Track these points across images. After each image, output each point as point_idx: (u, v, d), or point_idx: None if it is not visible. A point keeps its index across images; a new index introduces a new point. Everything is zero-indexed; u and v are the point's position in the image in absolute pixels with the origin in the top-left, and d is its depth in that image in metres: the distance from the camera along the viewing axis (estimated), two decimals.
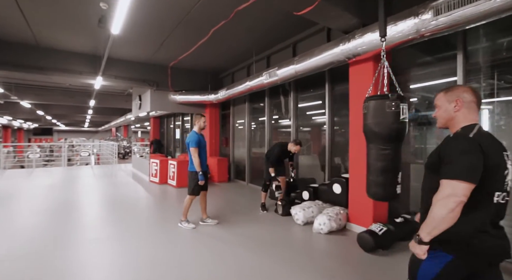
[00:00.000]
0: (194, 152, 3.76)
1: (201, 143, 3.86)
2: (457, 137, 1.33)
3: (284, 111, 6.23)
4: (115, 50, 6.35)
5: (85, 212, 4.84)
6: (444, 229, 1.20)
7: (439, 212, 1.19)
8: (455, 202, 1.17)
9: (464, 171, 1.20)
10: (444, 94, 1.43)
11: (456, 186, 1.19)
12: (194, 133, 3.88)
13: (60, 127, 29.81)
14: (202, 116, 4.02)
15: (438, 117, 1.46)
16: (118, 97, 12.01)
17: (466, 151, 1.23)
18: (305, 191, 4.80)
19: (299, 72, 4.40)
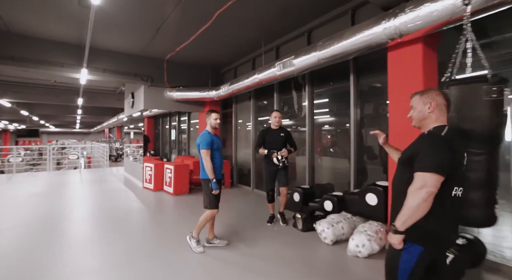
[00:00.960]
0: (206, 155, 3.09)
1: (214, 144, 3.19)
2: (430, 136, 1.45)
3: (297, 108, 5.51)
4: (103, 40, 5.56)
5: (66, 232, 3.99)
6: (418, 218, 1.29)
7: (413, 202, 1.29)
8: (428, 193, 1.27)
9: (435, 164, 1.31)
10: (419, 97, 1.55)
11: (428, 178, 1.29)
12: (206, 133, 3.23)
13: (49, 128, 28.64)
14: (212, 112, 3.32)
15: (414, 118, 1.57)
16: (110, 96, 11.15)
17: (438, 147, 1.36)
18: (327, 200, 4.08)
19: (323, 60, 3.68)
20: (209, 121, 3.29)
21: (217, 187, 3.11)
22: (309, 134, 5.03)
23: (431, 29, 2.58)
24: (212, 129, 3.29)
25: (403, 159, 1.53)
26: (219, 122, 3.33)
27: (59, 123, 25.13)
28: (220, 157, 3.28)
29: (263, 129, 4.03)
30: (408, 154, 1.48)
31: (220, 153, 3.31)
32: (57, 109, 13.63)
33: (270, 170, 4.05)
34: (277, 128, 4.05)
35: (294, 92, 5.53)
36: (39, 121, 19.52)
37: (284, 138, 4.03)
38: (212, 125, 3.29)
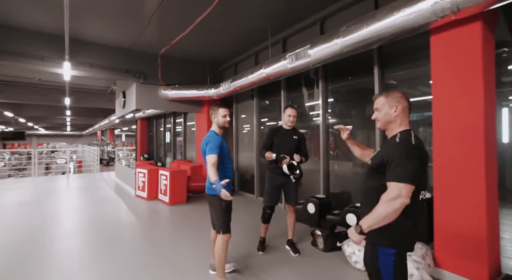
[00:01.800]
0: (214, 162, 2.30)
1: (223, 149, 2.49)
2: (401, 144, 1.44)
3: (308, 107, 4.93)
4: (89, 31, 4.92)
5: (44, 252, 3.35)
6: (383, 225, 1.34)
7: (385, 210, 1.32)
8: (401, 204, 1.31)
9: (409, 175, 1.34)
10: (385, 98, 1.55)
11: (402, 188, 1.32)
12: (214, 135, 2.52)
13: (39, 131, 27.67)
14: (219, 106, 2.60)
15: (379, 120, 1.56)
16: (100, 96, 10.47)
17: (411, 157, 1.38)
18: (350, 213, 3.49)
19: (347, 48, 3.10)
20: (215, 119, 2.57)
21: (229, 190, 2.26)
22: (323, 136, 4.45)
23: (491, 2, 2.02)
24: (219, 129, 2.58)
25: (373, 166, 1.52)
26: (229, 121, 2.61)
27: (49, 125, 24.20)
28: (230, 163, 2.56)
29: (272, 129, 3.31)
30: (378, 160, 1.48)
31: (230, 159, 2.60)
32: (45, 110, 12.85)
33: (275, 181, 3.18)
34: (289, 128, 3.25)
35: (304, 89, 4.95)
36: (26, 124, 18.64)
37: (297, 142, 3.20)
38: (220, 124, 2.56)
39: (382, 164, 1.43)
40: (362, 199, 1.63)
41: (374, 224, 1.34)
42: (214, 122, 2.59)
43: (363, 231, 1.37)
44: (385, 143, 1.55)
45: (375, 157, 1.53)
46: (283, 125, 3.29)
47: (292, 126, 3.26)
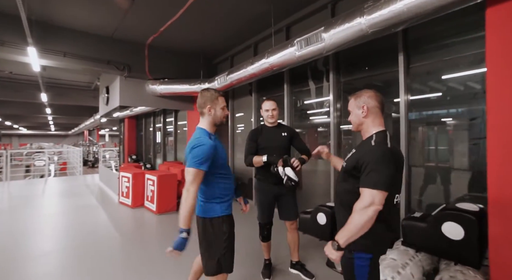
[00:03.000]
0: (192, 181, 1.57)
1: (218, 156, 1.70)
2: (377, 148, 1.37)
3: (316, 103, 4.37)
4: (62, 14, 4.24)
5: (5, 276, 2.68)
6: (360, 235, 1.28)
7: (360, 221, 1.27)
8: (374, 211, 1.26)
9: (383, 181, 1.28)
10: (354, 100, 1.51)
11: (376, 195, 1.27)
12: (205, 136, 1.69)
13: (20, 131, 26.31)
14: (218, 94, 1.80)
15: (351, 122, 1.55)
16: (83, 93, 9.70)
17: (385, 162, 1.32)
18: None
19: (372, 29, 2.55)
20: (211, 112, 1.75)
21: (182, 248, 1.54)
22: (334, 135, 3.90)
23: None
24: (213, 127, 1.79)
25: (347, 168, 1.47)
26: (228, 114, 1.90)
27: (31, 125, 22.97)
28: (229, 178, 1.83)
29: (253, 130, 2.65)
30: (352, 163, 1.42)
31: (229, 169, 1.87)
32: (22, 108, 11.91)
33: (268, 193, 2.54)
34: (274, 126, 2.60)
35: (311, 83, 4.39)
36: (3, 122, 17.50)
37: (287, 139, 2.58)
38: (218, 120, 1.78)
39: (356, 167, 1.38)
40: (337, 201, 1.57)
41: (351, 237, 1.28)
42: (206, 117, 1.76)
43: (341, 246, 1.28)
44: (361, 144, 1.50)
45: (350, 158, 1.48)
46: (266, 124, 2.63)
47: (277, 122, 2.62)
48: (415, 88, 3.12)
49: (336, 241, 1.30)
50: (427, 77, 3.06)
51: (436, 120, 3.06)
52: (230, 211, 1.80)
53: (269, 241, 2.70)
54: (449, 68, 2.87)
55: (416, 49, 3.07)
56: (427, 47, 3.01)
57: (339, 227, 1.44)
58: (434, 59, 2.96)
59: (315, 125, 4.53)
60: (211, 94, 1.76)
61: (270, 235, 2.68)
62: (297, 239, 2.69)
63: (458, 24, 2.74)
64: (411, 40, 3.08)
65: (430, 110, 3.08)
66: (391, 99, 3.43)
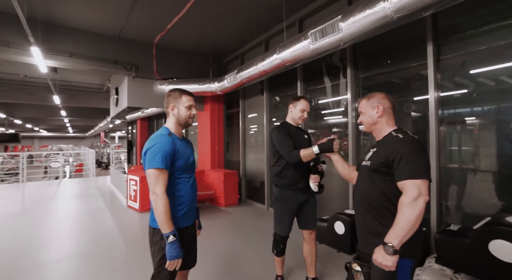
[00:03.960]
0: (156, 180, 1.45)
1: (179, 158, 1.56)
2: (406, 139, 1.33)
3: (332, 102, 4.05)
4: (67, 12, 4.13)
5: None
6: (413, 233, 1.16)
7: (412, 215, 1.15)
8: (424, 202, 1.17)
9: (424, 169, 1.23)
10: (366, 101, 1.49)
11: (421, 186, 1.19)
12: (164, 135, 1.56)
13: (41, 133, 27.20)
14: (181, 93, 1.65)
15: (363, 122, 1.51)
16: (95, 95, 9.75)
17: (419, 151, 1.27)
18: None
19: (399, 13, 2.22)
20: (174, 111, 1.62)
21: (178, 253, 1.42)
22: (353, 136, 3.57)
23: None
24: (178, 127, 1.65)
25: (373, 167, 1.36)
26: (194, 116, 1.68)
27: (50, 127, 23.68)
28: (192, 184, 1.65)
29: (282, 125, 2.33)
30: (379, 160, 1.34)
31: (193, 175, 1.69)
32: (39, 110, 12.16)
33: (294, 202, 2.24)
34: (297, 126, 2.36)
35: (327, 79, 4.07)
36: (24, 125, 18.04)
37: (308, 143, 2.34)
38: (182, 120, 1.63)
39: (385, 163, 1.30)
40: (360, 206, 1.43)
41: (405, 235, 1.14)
42: (170, 116, 1.64)
43: (396, 248, 1.12)
44: (381, 142, 1.43)
45: (374, 157, 1.39)
46: (290, 122, 2.34)
47: None
48: (446, 83, 2.75)
49: (388, 243, 1.14)
50: (461, 71, 2.69)
51: (469, 118, 2.68)
52: (181, 224, 1.55)
53: (283, 255, 2.41)
54: (488, 59, 2.49)
55: (448, 38, 2.71)
56: (461, 35, 2.64)
57: (363, 235, 1.39)
58: (470, 49, 2.59)
59: (331, 126, 4.20)
60: (174, 93, 1.65)
61: (285, 248, 2.38)
62: (315, 252, 2.36)
63: (500, 6, 2.37)
64: (442, 28, 2.72)
65: (465, 108, 2.71)
66: (412, 97, 3.08)
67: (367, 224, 1.37)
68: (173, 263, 1.43)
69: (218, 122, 6.37)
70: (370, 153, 1.45)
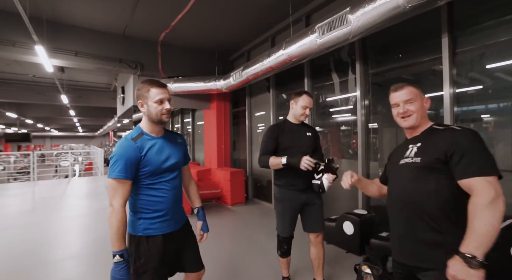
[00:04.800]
0: (113, 194, 1.30)
1: (146, 160, 1.37)
2: (465, 130, 1.14)
3: (341, 99, 3.93)
4: (71, 11, 4.11)
5: None
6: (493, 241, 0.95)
7: (493, 218, 0.95)
8: (503, 201, 0.99)
9: (493, 164, 1.05)
10: (417, 90, 1.28)
11: (495, 183, 1.01)
12: (129, 134, 1.41)
13: (52, 132, 27.74)
14: (151, 84, 1.41)
15: (414, 113, 1.25)
16: (103, 94, 9.83)
17: (483, 143, 1.09)
18: None
19: (412, 2, 2.09)
20: (144, 108, 1.42)
21: (121, 276, 1.26)
22: (362, 134, 3.45)
23: None
24: (152, 125, 1.45)
25: (427, 163, 1.14)
26: (168, 110, 1.43)
27: (60, 127, 24.11)
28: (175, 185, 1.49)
29: (274, 125, 2.21)
30: (435, 155, 1.12)
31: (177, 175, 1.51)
32: (48, 110, 12.35)
33: (294, 203, 2.13)
34: (299, 123, 2.20)
35: (335, 75, 3.95)
36: (35, 125, 18.40)
37: (312, 141, 2.17)
38: (154, 116, 1.41)
39: (442, 159, 1.09)
40: (404, 210, 1.21)
41: (488, 244, 0.92)
42: (143, 114, 1.45)
43: (481, 260, 0.90)
44: (427, 136, 1.22)
45: (423, 152, 1.18)
46: (290, 119, 2.20)
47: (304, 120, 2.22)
48: (462, 79, 2.61)
49: (467, 254, 0.92)
50: (478, 64, 2.54)
51: (484, 115, 2.54)
52: (154, 232, 1.40)
53: (288, 256, 2.32)
54: (508, 51, 2.34)
55: (465, 30, 2.56)
56: (479, 26, 2.49)
57: (408, 245, 1.17)
58: (488, 41, 2.44)
59: (339, 124, 4.08)
60: (142, 87, 1.41)
61: (290, 249, 2.30)
62: (323, 255, 2.25)
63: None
64: (458, 19, 2.57)
65: (482, 104, 2.56)
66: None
67: (414, 231, 1.15)
68: None
69: (224, 121, 6.31)
70: (413, 149, 1.23)
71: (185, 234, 1.58)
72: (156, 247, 1.39)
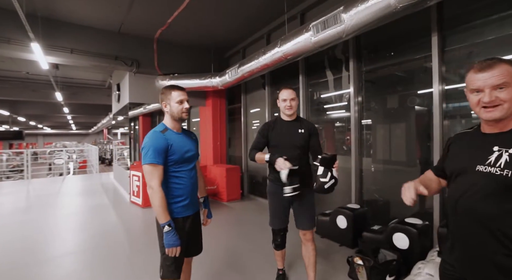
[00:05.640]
0: (151, 176, 1.53)
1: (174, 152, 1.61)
2: None
3: (335, 95, 4.01)
4: (67, 8, 4.10)
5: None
6: None
7: None
8: None
9: None
10: None
11: None
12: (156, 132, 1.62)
13: (44, 130, 27.39)
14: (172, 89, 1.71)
15: (508, 101, 0.92)
16: (98, 91, 9.75)
17: None
18: (398, 232, 2.62)
19: (403, 2, 2.16)
20: (167, 108, 1.69)
21: (174, 241, 1.51)
22: (355, 131, 3.53)
23: None
24: (174, 122, 1.70)
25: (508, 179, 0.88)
26: (187, 109, 1.70)
27: (53, 124, 23.81)
28: (192, 175, 1.73)
29: (266, 123, 2.27)
30: None
31: (193, 166, 1.76)
32: (42, 107, 12.21)
33: (279, 195, 2.05)
34: (291, 120, 2.20)
35: (329, 72, 4.03)
36: (28, 122, 18.16)
37: (304, 137, 2.15)
38: (175, 115, 1.67)
39: None
40: (476, 227, 0.97)
41: None
42: (165, 113, 1.71)
43: None
44: None
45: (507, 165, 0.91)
46: (282, 116, 2.24)
47: (295, 115, 2.21)
48: (451, 76, 2.70)
49: None
50: (466, 62, 2.63)
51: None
52: (177, 215, 1.65)
53: (283, 249, 2.38)
54: (496, 49, 2.43)
55: (453, 29, 2.65)
56: (467, 25, 2.58)
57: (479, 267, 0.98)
58: (477, 40, 2.53)
59: (333, 120, 4.16)
60: (165, 90, 1.72)
61: (285, 242, 2.35)
62: (313, 254, 2.20)
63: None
64: (447, 18, 2.66)
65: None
66: (416, 91, 3.04)
67: (489, 255, 0.96)
68: (172, 250, 1.53)
69: (220, 118, 6.35)
70: (503, 156, 0.94)
71: (196, 222, 1.80)
72: (178, 227, 1.60)
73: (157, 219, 1.56)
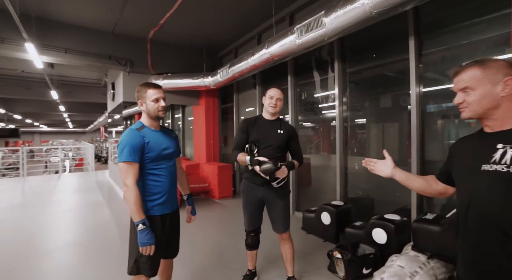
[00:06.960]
0: (126, 173, 1.53)
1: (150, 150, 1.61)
2: None
3: (321, 95, 4.12)
4: (62, 8, 4.18)
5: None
6: None
7: None
8: None
9: None
10: (482, 70, 0.96)
11: None
12: (132, 130, 1.62)
13: (41, 128, 27.34)
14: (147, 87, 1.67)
15: (470, 104, 0.98)
16: (93, 90, 9.82)
17: None
18: (377, 227, 2.74)
19: (377, 9, 2.27)
20: (144, 106, 1.66)
21: (148, 240, 1.51)
22: (340, 128, 3.65)
23: None
24: (150, 120, 1.69)
25: None
26: (164, 107, 1.67)
27: (50, 122, 23.80)
28: (171, 172, 1.73)
29: (247, 119, 2.24)
30: None
31: (173, 163, 1.77)
32: (38, 106, 12.26)
33: (254, 196, 2.17)
34: (273, 119, 2.22)
35: (316, 73, 4.14)
36: (23, 120, 18.16)
37: (283, 139, 2.16)
38: (151, 113, 1.65)
39: None
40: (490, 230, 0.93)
41: None
42: (143, 112, 1.69)
43: None
44: None
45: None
46: (264, 114, 2.23)
47: (277, 115, 2.23)
48: (429, 78, 2.82)
49: None
50: (442, 65, 2.76)
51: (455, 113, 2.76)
52: (155, 212, 1.64)
53: (255, 250, 2.36)
54: (469, 53, 2.56)
55: (430, 33, 2.77)
56: (442, 30, 2.70)
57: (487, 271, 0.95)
58: (452, 44, 2.65)
59: (320, 120, 4.28)
60: (141, 89, 1.68)
61: (257, 243, 2.33)
62: (291, 251, 2.27)
63: (478, 3, 2.43)
64: (424, 23, 2.78)
65: (447, 102, 2.78)
66: (397, 92, 3.16)
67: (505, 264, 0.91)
68: (146, 249, 1.52)
69: (213, 117, 6.45)
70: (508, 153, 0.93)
71: (174, 221, 1.79)
72: (155, 225, 1.62)
73: (132, 217, 1.54)
